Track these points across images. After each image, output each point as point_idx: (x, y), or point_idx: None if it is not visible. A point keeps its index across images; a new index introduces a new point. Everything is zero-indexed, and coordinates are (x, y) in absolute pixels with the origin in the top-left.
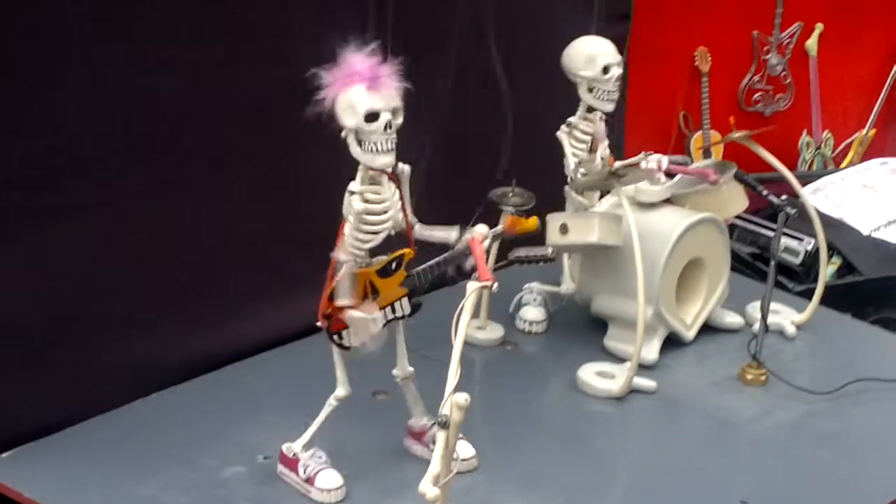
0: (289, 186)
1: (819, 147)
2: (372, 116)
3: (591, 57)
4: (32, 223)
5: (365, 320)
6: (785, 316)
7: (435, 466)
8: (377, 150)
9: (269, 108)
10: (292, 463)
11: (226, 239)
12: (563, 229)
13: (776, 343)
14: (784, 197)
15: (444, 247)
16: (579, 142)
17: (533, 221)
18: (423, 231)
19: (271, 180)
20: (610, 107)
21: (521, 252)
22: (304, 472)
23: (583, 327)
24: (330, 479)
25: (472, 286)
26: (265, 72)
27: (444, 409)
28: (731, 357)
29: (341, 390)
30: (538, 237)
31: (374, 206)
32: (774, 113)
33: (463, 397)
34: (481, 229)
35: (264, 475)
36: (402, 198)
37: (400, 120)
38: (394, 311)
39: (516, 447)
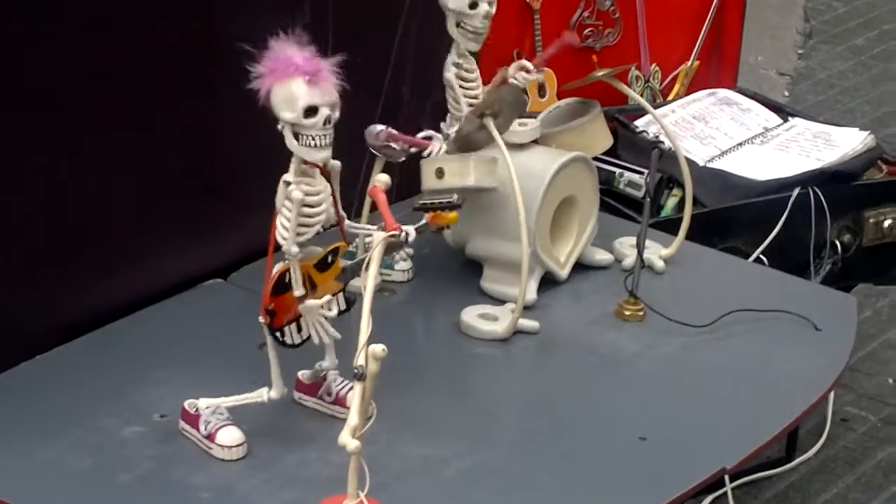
0: (170, 140)
1: (648, 80)
2: (311, 111)
3: None
4: None
5: (320, 309)
6: (652, 251)
7: (353, 418)
8: (315, 144)
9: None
10: (194, 419)
11: (103, 192)
12: (439, 173)
13: (647, 278)
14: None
15: None
16: (466, 82)
17: (454, 216)
18: (350, 226)
19: (153, 134)
20: (475, 46)
21: (426, 199)
22: (206, 428)
23: (454, 271)
24: (231, 434)
25: (378, 236)
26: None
27: (360, 361)
28: (606, 294)
29: (275, 392)
30: None
31: (309, 198)
32: (604, 48)
33: (380, 348)
34: (383, 178)
35: (165, 434)
36: (333, 192)
37: (337, 114)
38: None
39: (409, 394)
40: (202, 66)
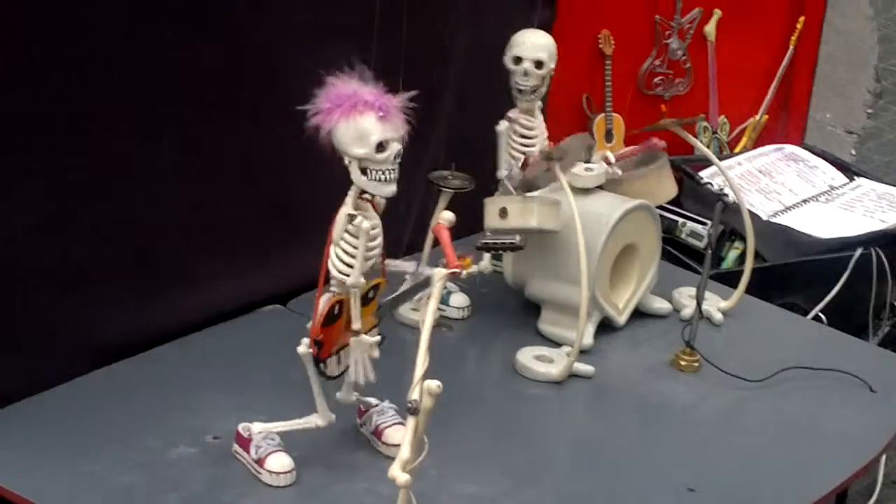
0: (227, 169)
1: (715, 132)
2: (382, 146)
3: (510, 47)
4: None
5: (370, 347)
6: (711, 303)
7: (405, 452)
8: (385, 179)
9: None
10: (246, 443)
11: (162, 215)
12: (503, 213)
13: (704, 330)
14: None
15: None
16: (519, 136)
17: (468, 262)
18: (389, 264)
19: (211, 163)
20: (521, 102)
21: (489, 240)
22: (255, 452)
23: (511, 311)
24: (280, 461)
25: (439, 273)
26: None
27: (414, 395)
28: (662, 343)
29: (322, 420)
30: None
31: (373, 230)
32: (673, 97)
33: (435, 384)
34: (447, 215)
35: (216, 456)
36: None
37: (402, 149)
38: None
39: (461, 431)
40: (272, 93)
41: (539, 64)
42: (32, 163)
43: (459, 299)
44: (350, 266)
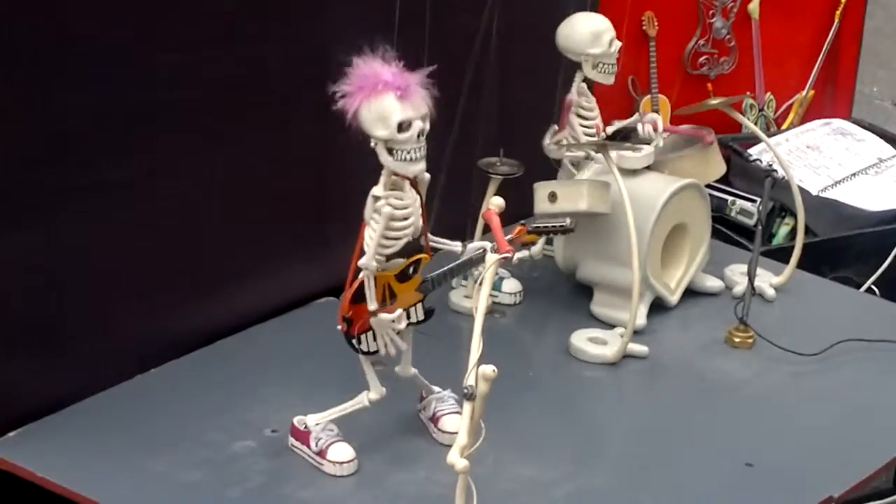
0: (280, 161)
1: (762, 109)
2: (405, 126)
3: (597, 34)
4: (42, 203)
5: (391, 323)
6: (763, 279)
7: (462, 438)
8: (410, 158)
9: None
10: (304, 436)
11: (216, 212)
12: (552, 197)
13: (757, 306)
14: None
15: None
16: (582, 118)
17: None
18: (430, 239)
19: (264, 156)
20: (611, 80)
21: (540, 224)
22: (316, 444)
23: (563, 294)
24: (342, 451)
25: (491, 258)
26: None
27: (470, 381)
28: (715, 321)
29: (374, 393)
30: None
31: (398, 211)
32: (719, 76)
33: (490, 369)
34: (498, 201)
35: (275, 449)
36: (422, 204)
37: (428, 126)
38: (408, 316)
39: (516, 415)
40: (314, 87)
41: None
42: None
43: (511, 285)
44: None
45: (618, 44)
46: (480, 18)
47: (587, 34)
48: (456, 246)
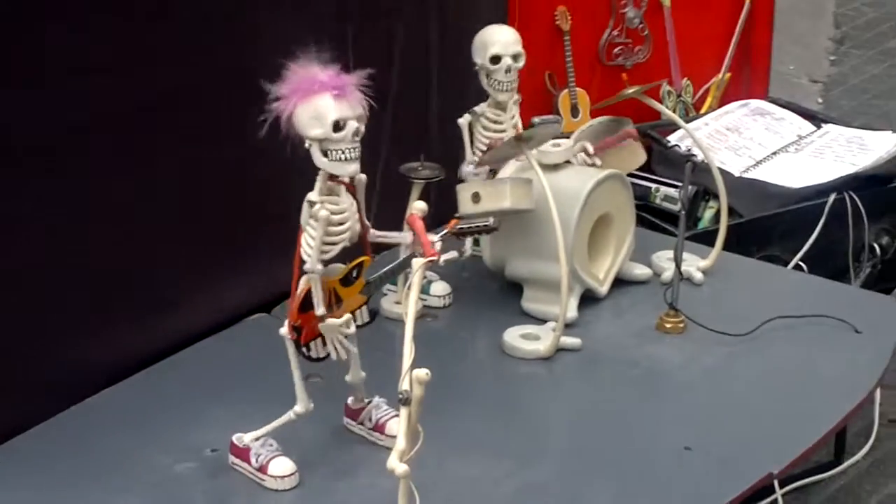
0: (205, 182)
1: (680, 95)
2: (339, 125)
3: (484, 45)
4: None
5: (340, 327)
6: (690, 263)
7: (401, 442)
8: (345, 158)
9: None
10: (244, 453)
11: (143, 235)
12: (476, 198)
13: (686, 290)
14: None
15: None
16: (487, 130)
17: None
18: (377, 235)
19: (190, 176)
20: (501, 97)
21: (463, 225)
22: (257, 460)
23: (494, 293)
24: (282, 465)
25: (417, 262)
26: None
27: (405, 385)
28: (646, 308)
29: (300, 407)
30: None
31: (335, 216)
32: (635, 65)
33: (424, 372)
34: (420, 205)
35: (217, 468)
36: (359, 207)
37: (363, 127)
38: (354, 319)
39: (456, 416)
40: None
41: (517, 57)
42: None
43: (441, 287)
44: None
45: (507, 62)
46: (409, 26)
47: (479, 44)
48: (404, 237)
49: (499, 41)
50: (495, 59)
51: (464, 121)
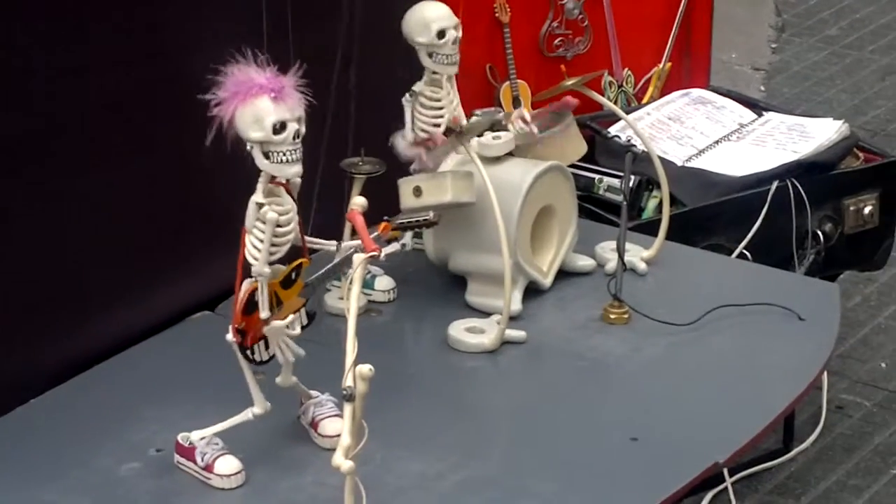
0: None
1: (621, 85)
2: (280, 127)
3: (426, 23)
4: None
5: (285, 329)
6: (633, 253)
7: (346, 439)
8: (287, 160)
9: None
10: (189, 452)
11: (81, 233)
12: (417, 192)
13: (630, 280)
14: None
15: None
16: (426, 108)
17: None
18: (309, 241)
19: (129, 176)
20: (452, 69)
21: (403, 219)
22: (202, 459)
23: (437, 287)
24: (228, 464)
25: (358, 258)
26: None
27: (348, 382)
28: (590, 300)
29: (258, 408)
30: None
31: (281, 217)
32: (575, 56)
33: (367, 368)
34: (360, 200)
35: (160, 468)
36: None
37: (304, 128)
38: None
39: (400, 412)
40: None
41: (457, 27)
42: None
43: (384, 282)
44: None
45: (453, 34)
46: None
47: (415, 22)
48: (331, 245)
49: (440, 16)
50: (441, 34)
51: (406, 101)
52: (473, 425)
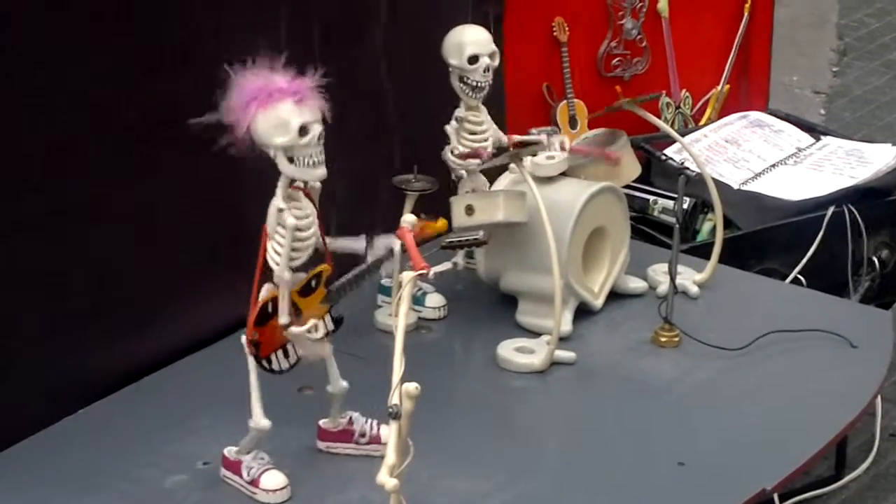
0: (189, 198)
1: (678, 106)
2: (303, 130)
3: (461, 45)
4: None
5: (307, 334)
6: (686, 276)
7: (390, 457)
8: (312, 163)
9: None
10: (235, 466)
11: (132, 252)
12: (469, 210)
13: (682, 304)
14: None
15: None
16: (469, 133)
17: (442, 223)
18: (333, 243)
19: (173, 194)
20: (476, 98)
21: (453, 238)
22: (248, 474)
23: (488, 305)
24: (274, 478)
25: (407, 276)
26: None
27: (395, 399)
28: (641, 322)
29: (252, 422)
30: None
31: (301, 221)
32: (633, 76)
33: (413, 386)
34: (410, 218)
35: (207, 481)
36: (319, 214)
37: (322, 130)
38: (317, 327)
39: (449, 430)
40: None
41: (493, 56)
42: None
43: (435, 299)
44: None
45: (486, 62)
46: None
47: (451, 43)
48: (358, 242)
49: (475, 41)
50: (473, 59)
51: (451, 128)
52: (520, 445)
